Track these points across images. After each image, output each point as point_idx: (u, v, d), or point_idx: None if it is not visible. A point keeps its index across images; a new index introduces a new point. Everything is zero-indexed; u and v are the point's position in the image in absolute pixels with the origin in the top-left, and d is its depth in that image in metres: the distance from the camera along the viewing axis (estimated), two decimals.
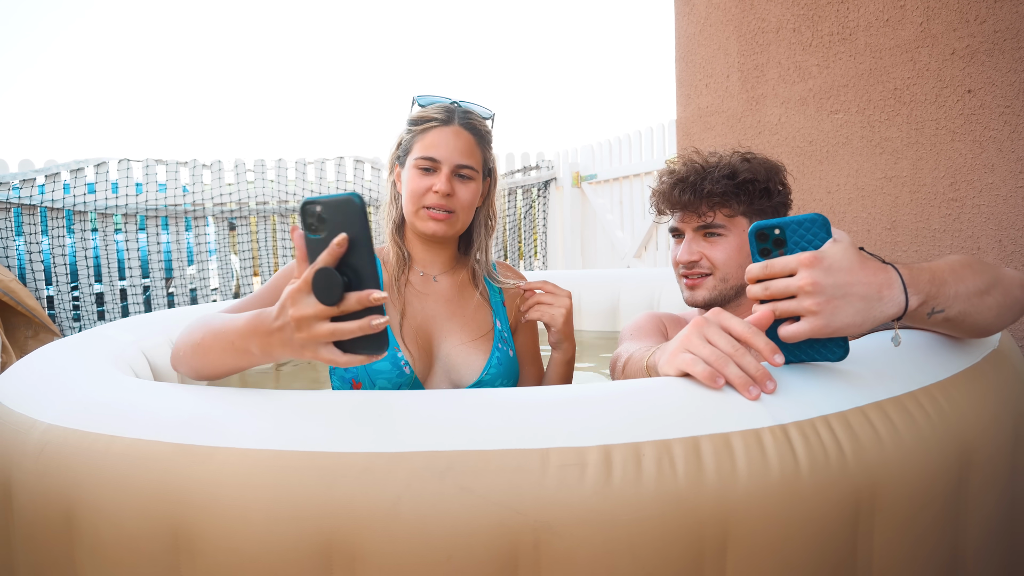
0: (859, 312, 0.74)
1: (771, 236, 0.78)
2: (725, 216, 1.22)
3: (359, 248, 0.69)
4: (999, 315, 0.87)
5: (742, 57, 2.37)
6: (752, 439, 0.70)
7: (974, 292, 0.83)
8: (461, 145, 1.19)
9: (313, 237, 0.71)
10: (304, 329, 0.70)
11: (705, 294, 1.23)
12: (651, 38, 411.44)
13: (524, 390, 0.78)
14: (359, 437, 0.69)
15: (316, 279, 0.69)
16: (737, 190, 1.20)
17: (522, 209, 5.22)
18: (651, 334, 1.25)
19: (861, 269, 0.75)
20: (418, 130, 1.21)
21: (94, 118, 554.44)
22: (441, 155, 1.18)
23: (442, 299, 1.28)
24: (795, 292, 0.74)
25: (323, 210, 0.70)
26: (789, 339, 0.75)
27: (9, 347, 3.34)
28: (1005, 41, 1.61)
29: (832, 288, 0.73)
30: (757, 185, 1.21)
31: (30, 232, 3.82)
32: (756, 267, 0.76)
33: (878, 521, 0.74)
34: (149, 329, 1.46)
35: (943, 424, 0.80)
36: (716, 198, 1.20)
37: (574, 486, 0.66)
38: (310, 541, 0.66)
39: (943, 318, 0.82)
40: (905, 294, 0.76)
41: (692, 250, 1.23)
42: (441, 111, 1.22)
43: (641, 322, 1.31)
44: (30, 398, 0.89)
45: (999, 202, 1.64)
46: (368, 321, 0.69)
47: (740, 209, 1.21)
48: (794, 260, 0.74)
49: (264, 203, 4.42)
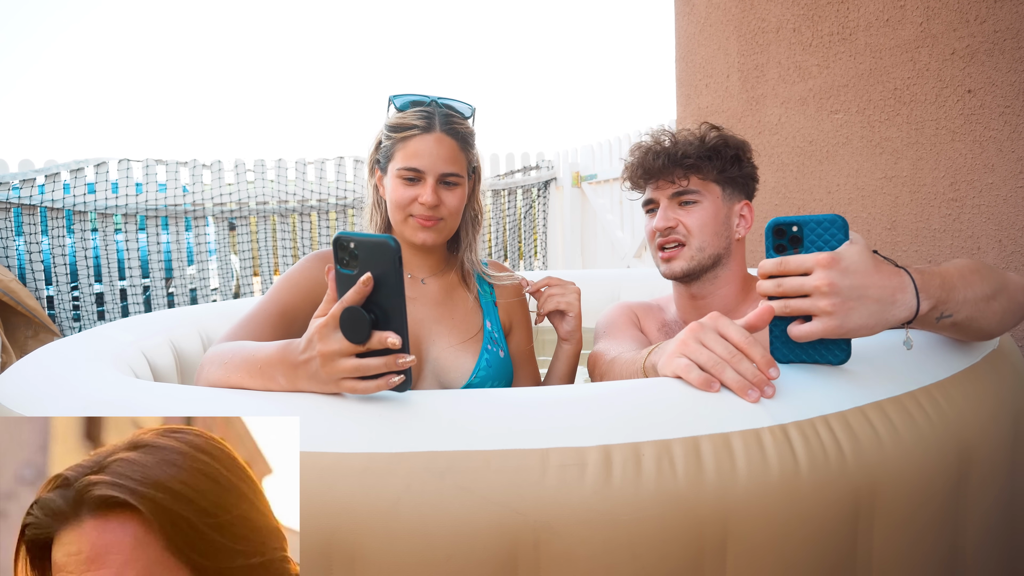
0: (872, 315, 0.74)
1: (788, 233, 0.78)
2: (699, 181, 1.24)
3: (389, 289, 0.70)
4: (1003, 320, 0.88)
5: (742, 57, 2.37)
6: (752, 439, 0.70)
7: (981, 298, 0.83)
8: (444, 153, 1.15)
9: (345, 272, 0.72)
10: (329, 364, 0.72)
11: (683, 264, 1.23)
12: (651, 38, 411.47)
13: (524, 390, 0.78)
14: (359, 437, 0.69)
15: (344, 316, 0.70)
16: (709, 154, 1.23)
17: (522, 209, 5.22)
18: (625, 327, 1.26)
19: (876, 272, 0.75)
20: (398, 137, 1.16)
21: (94, 118, 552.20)
22: (425, 165, 1.14)
23: (430, 302, 1.26)
24: (810, 291, 0.74)
25: (357, 247, 0.71)
26: (800, 339, 0.75)
27: (9, 347, 3.34)
28: (1005, 41, 1.61)
29: (848, 290, 0.73)
30: (728, 151, 1.24)
31: (30, 232, 3.82)
32: (770, 263, 0.76)
33: (878, 521, 0.74)
34: (149, 329, 1.46)
35: (942, 424, 0.80)
36: (689, 160, 1.22)
37: (574, 486, 0.66)
38: (310, 541, 0.66)
39: (951, 323, 0.82)
40: (917, 299, 0.76)
41: (668, 216, 1.24)
42: (421, 116, 1.16)
43: (613, 316, 1.32)
44: (30, 398, 0.89)
45: (999, 202, 1.64)
46: (393, 359, 0.70)
47: (712, 175, 1.24)
48: (811, 259, 0.74)
49: (264, 203, 4.42)
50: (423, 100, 1.18)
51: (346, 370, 0.71)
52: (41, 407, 0.85)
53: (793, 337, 0.76)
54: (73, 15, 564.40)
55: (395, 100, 1.19)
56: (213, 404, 0.78)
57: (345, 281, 0.72)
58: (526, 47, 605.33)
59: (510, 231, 5.14)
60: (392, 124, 1.18)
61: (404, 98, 1.18)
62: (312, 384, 0.75)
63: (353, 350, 0.70)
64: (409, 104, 1.18)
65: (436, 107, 1.17)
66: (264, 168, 4.40)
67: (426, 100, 1.18)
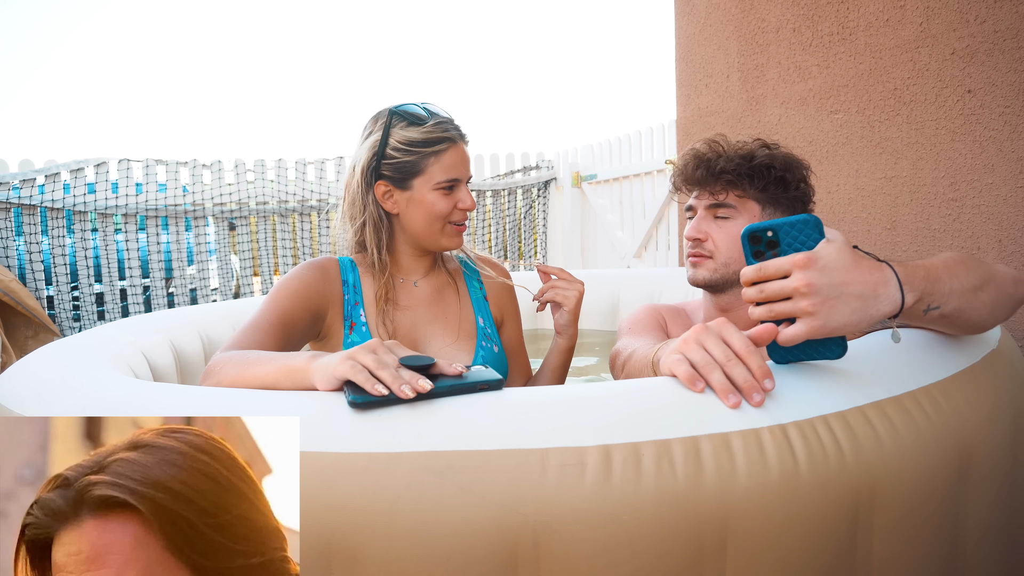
0: (855, 311, 0.74)
1: (764, 238, 0.78)
2: (736, 197, 1.21)
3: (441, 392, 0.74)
4: (993, 311, 0.87)
5: (742, 57, 2.37)
6: (751, 439, 0.70)
7: (968, 288, 0.83)
8: (468, 158, 1.25)
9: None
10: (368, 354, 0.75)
11: (706, 274, 1.22)
12: (651, 38, 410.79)
13: (524, 390, 0.78)
14: (358, 437, 0.69)
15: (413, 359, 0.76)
16: (751, 172, 1.20)
17: (522, 209, 5.22)
18: (650, 328, 1.25)
19: (856, 268, 0.74)
20: (429, 151, 1.18)
21: (94, 118, 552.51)
22: (462, 173, 1.22)
23: (423, 303, 1.28)
24: (790, 294, 0.74)
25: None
26: (787, 343, 0.75)
27: (9, 347, 3.34)
28: (1005, 41, 1.61)
29: (827, 288, 0.73)
30: (773, 172, 1.21)
31: (30, 232, 3.82)
32: (750, 270, 0.76)
33: (877, 521, 0.74)
34: (149, 329, 1.46)
35: (942, 424, 0.80)
36: (729, 176, 1.20)
37: (574, 486, 0.66)
38: (310, 541, 0.66)
39: (939, 315, 0.82)
40: (901, 291, 0.76)
41: (699, 228, 1.23)
42: (445, 130, 1.20)
43: (640, 315, 1.31)
44: (30, 398, 0.89)
45: (999, 202, 1.65)
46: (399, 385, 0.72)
47: (752, 193, 1.21)
48: (788, 261, 0.74)
49: (264, 203, 4.42)
50: (439, 113, 1.23)
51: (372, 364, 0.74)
52: (41, 407, 0.85)
53: (780, 343, 0.76)
54: (74, 18, 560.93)
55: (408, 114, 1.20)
56: (213, 404, 0.78)
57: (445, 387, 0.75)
58: (526, 47, 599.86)
59: (510, 231, 5.14)
60: (417, 139, 1.18)
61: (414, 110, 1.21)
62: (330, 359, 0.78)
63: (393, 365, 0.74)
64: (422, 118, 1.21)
65: (447, 118, 1.24)
66: (264, 168, 4.39)
67: (440, 113, 1.24)
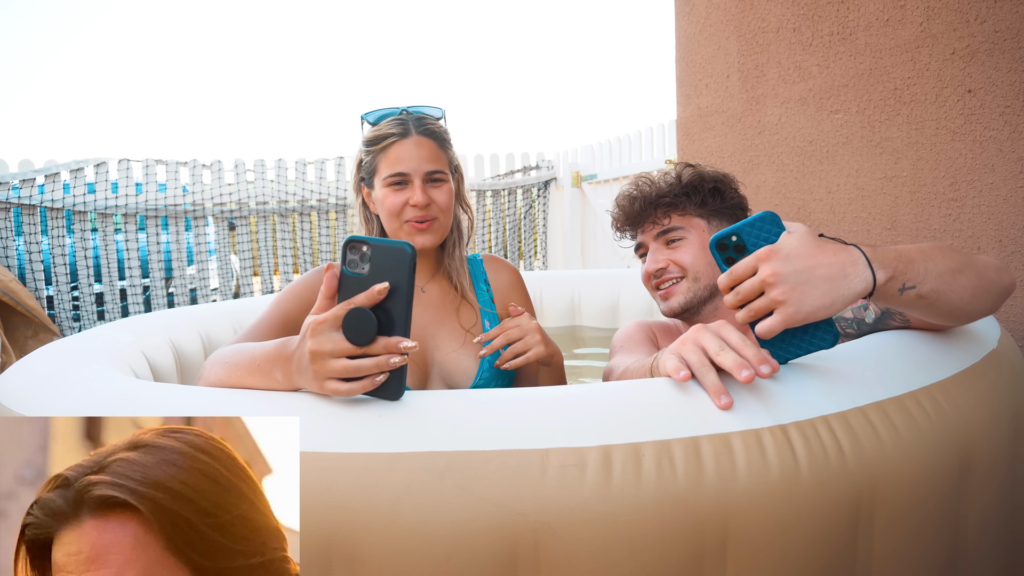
0: (826, 293, 0.75)
1: (730, 244, 0.80)
2: (680, 218, 1.27)
3: (400, 296, 0.70)
4: (975, 296, 0.87)
5: (742, 57, 2.37)
6: (752, 439, 0.70)
7: (945, 271, 0.83)
8: (425, 153, 1.20)
9: (352, 274, 0.71)
10: (318, 362, 0.70)
11: (680, 299, 1.25)
12: (651, 38, 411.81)
13: (524, 390, 0.78)
14: (358, 437, 0.69)
15: (348, 318, 0.69)
16: (686, 191, 1.27)
17: (522, 209, 5.22)
18: (641, 344, 1.26)
19: (820, 252, 0.76)
20: (377, 149, 1.22)
21: (94, 118, 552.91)
22: (409, 167, 1.19)
23: (429, 308, 1.27)
24: (761, 288, 0.75)
25: (371, 251, 0.71)
26: (765, 335, 0.76)
27: (9, 347, 3.34)
28: (1005, 41, 1.61)
29: (794, 275, 0.74)
30: (705, 184, 1.27)
31: (30, 232, 3.82)
32: (723, 278, 0.78)
33: (878, 521, 0.74)
34: (149, 329, 1.46)
35: (942, 424, 0.80)
36: (667, 199, 1.26)
37: (574, 486, 0.66)
38: (310, 541, 0.66)
39: (916, 295, 0.82)
40: (871, 268, 0.77)
41: (657, 258, 1.28)
42: (395, 124, 1.22)
43: (631, 331, 1.32)
44: (30, 398, 0.89)
45: (999, 202, 1.65)
46: (385, 359, 0.69)
47: (693, 210, 1.27)
48: (752, 259, 0.76)
49: (264, 203, 4.42)
50: (394, 111, 1.24)
51: (335, 371, 0.70)
52: (41, 407, 0.85)
53: (759, 335, 0.77)
54: (75, 19, 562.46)
55: (367, 117, 1.25)
56: (213, 404, 0.78)
57: (351, 284, 0.71)
58: (527, 47, 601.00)
59: (510, 231, 5.14)
60: (369, 138, 1.23)
61: (375, 113, 1.25)
62: (301, 379, 0.75)
63: (348, 351, 0.69)
64: (381, 117, 1.24)
65: (408, 114, 1.23)
66: (264, 168, 4.39)
67: (397, 110, 1.24)
